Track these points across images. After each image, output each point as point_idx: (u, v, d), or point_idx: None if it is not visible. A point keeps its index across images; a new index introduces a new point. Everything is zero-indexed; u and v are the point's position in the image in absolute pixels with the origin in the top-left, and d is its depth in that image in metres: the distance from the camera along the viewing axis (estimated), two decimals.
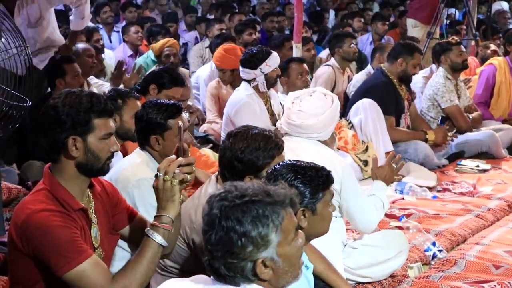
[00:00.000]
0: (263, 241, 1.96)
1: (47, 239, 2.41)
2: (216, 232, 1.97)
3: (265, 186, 2.05)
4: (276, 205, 1.99)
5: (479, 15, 11.71)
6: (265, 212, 1.97)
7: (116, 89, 4.47)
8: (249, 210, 1.96)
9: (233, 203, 1.98)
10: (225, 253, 1.96)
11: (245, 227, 1.95)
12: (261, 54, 5.44)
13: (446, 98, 6.29)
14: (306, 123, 3.74)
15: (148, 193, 3.34)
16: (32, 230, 2.43)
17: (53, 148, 2.54)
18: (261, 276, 1.98)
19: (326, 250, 3.22)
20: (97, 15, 9.55)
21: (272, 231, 1.97)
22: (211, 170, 4.51)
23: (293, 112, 3.79)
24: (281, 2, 13.92)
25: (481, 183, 5.57)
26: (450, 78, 6.39)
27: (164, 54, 6.67)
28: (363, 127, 5.53)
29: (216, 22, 8.93)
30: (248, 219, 1.95)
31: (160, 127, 3.50)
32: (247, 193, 2.00)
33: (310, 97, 3.84)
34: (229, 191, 2.02)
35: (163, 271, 3.22)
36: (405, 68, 5.84)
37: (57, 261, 2.41)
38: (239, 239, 1.95)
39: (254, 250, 1.96)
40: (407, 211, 4.78)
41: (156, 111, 3.51)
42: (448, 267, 3.94)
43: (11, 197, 4.61)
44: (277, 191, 2.03)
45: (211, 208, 2.00)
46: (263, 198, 1.99)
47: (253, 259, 1.97)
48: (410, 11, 9.26)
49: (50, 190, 2.53)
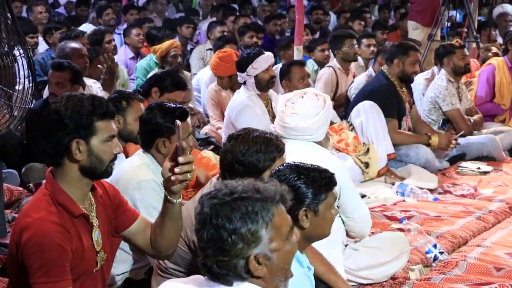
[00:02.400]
0: (253, 238, 1.97)
1: (37, 251, 2.42)
2: (208, 230, 1.98)
3: (255, 183, 2.05)
4: (266, 202, 2.00)
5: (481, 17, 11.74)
6: (255, 209, 1.97)
7: (121, 91, 4.48)
8: (238, 207, 1.97)
9: (223, 200, 1.99)
10: (216, 250, 1.97)
11: (234, 224, 1.96)
12: (248, 57, 5.48)
13: (448, 101, 6.29)
14: (301, 125, 3.76)
15: (149, 195, 3.36)
16: (27, 238, 2.44)
17: (56, 152, 2.53)
18: (255, 273, 1.98)
19: (326, 251, 3.23)
20: (99, 17, 9.56)
21: (262, 227, 1.98)
22: (212, 172, 4.52)
23: (287, 115, 3.81)
24: (282, 5, 13.95)
25: (482, 185, 5.56)
26: (452, 81, 6.38)
27: (171, 55, 6.68)
28: (364, 129, 5.53)
29: (218, 25, 8.95)
30: (237, 216, 1.96)
31: (168, 131, 3.50)
32: (237, 191, 2.00)
33: (302, 99, 3.86)
34: (219, 189, 2.03)
35: (165, 273, 3.23)
36: (403, 68, 5.84)
37: (37, 275, 2.42)
38: (229, 236, 1.95)
39: (245, 247, 1.96)
40: (408, 213, 4.78)
41: (165, 115, 3.52)
42: (449, 269, 3.94)
43: (12, 199, 4.63)
44: (267, 188, 2.03)
45: (202, 207, 2.01)
46: (253, 195, 2.00)
47: (245, 256, 1.97)
48: (411, 14, 9.26)
49: (51, 195, 2.54)
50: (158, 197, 2.99)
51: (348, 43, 7.13)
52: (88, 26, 8.98)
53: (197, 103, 7.03)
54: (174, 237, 2.74)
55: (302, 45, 6.90)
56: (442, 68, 6.43)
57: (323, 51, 7.65)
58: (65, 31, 7.31)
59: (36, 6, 9.42)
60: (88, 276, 2.60)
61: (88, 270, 2.59)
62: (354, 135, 5.49)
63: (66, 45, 6.12)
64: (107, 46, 7.22)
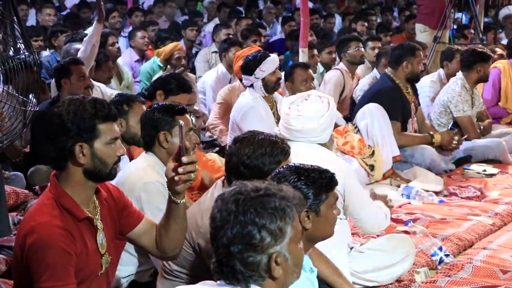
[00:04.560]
0: (280, 233, 1.98)
1: (42, 255, 2.43)
2: (232, 226, 1.97)
3: (275, 184, 2.07)
4: (289, 201, 2.02)
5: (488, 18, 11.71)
6: (282, 205, 1.99)
7: (122, 94, 4.48)
8: (267, 202, 1.98)
9: (249, 196, 1.99)
10: (243, 246, 1.96)
11: (264, 219, 1.96)
12: (255, 60, 5.48)
13: (460, 107, 6.27)
14: (307, 127, 3.76)
15: (155, 196, 3.36)
16: (32, 242, 2.44)
17: (60, 156, 2.54)
18: (273, 272, 1.99)
19: (331, 253, 3.23)
20: (105, 20, 9.57)
21: (288, 225, 1.99)
22: (217, 174, 4.52)
23: (292, 117, 3.81)
24: (288, 7, 13.95)
25: (488, 187, 5.55)
26: (467, 88, 6.35)
27: (175, 57, 6.69)
28: (370, 132, 5.53)
29: (223, 27, 8.95)
30: (267, 210, 1.97)
31: (167, 123, 3.51)
32: (261, 188, 2.02)
33: (306, 101, 3.86)
34: (242, 186, 2.04)
35: (169, 275, 3.23)
36: (412, 69, 5.84)
37: (42, 279, 2.43)
38: (258, 231, 1.96)
39: (272, 242, 1.97)
40: (414, 216, 4.77)
41: (163, 110, 3.55)
42: (455, 272, 3.93)
43: (18, 201, 4.63)
44: (287, 189, 2.05)
45: (226, 203, 2.00)
46: (278, 193, 2.01)
47: (270, 252, 1.97)
48: (418, 16, 9.26)
49: (56, 199, 2.54)
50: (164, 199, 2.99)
51: (354, 45, 7.15)
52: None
53: (202, 105, 7.03)
54: (179, 238, 2.74)
55: (307, 47, 6.90)
56: (459, 73, 6.38)
57: (330, 54, 7.66)
58: (70, 34, 7.33)
59: (44, 9, 9.46)
60: (93, 279, 2.60)
61: (93, 273, 2.59)
62: (359, 138, 5.49)
63: (71, 47, 6.16)
64: (110, 49, 7.23)
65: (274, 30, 11.69)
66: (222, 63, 7.29)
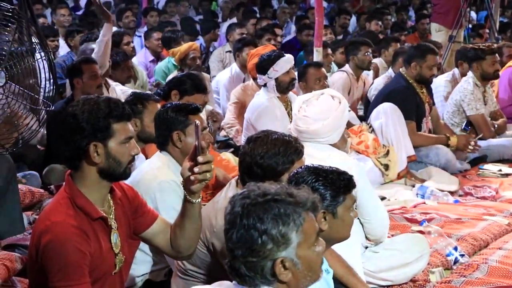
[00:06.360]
0: (283, 239, 1.97)
1: (56, 254, 2.44)
2: (237, 230, 1.98)
3: (288, 187, 2.06)
4: (298, 206, 2.01)
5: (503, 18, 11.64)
6: (287, 211, 1.98)
7: (136, 93, 4.49)
8: (270, 208, 1.98)
9: (255, 201, 1.99)
10: (245, 251, 1.97)
11: (265, 225, 1.96)
12: (269, 60, 5.48)
13: (472, 106, 6.24)
14: (312, 128, 3.76)
15: (170, 196, 3.36)
16: (46, 241, 2.46)
17: (74, 155, 2.55)
18: (280, 277, 1.98)
19: (345, 253, 3.22)
20: (119, 20, 9.61)
21: (292, 231, 1.98)
22: (232, 174, 4.52)
23: (299, 118, 3.81)
24: (302, 7, 13.93)
25: (504, 187, 5.51)
26: (479, 85, 6.32)
27: (190, 57, 6.70)
28: (384, 131, 5.51)
29: (237, 27, 8.95)
30: (269, 216, 1.97)
31: (181, 123, 3.53)
32: (270, 192, 2.01)
33: (317, 101, 3.85)
34: (252, 190, 2.04)
35: (184, 275, 3.24)
36: (420, 71, 5.79)
37: (56, 278, 2.45)
38: (259, 237, 1.96)
39: (274, 248, 1.97)
40: (429, 216, 4.74)
41: (176, 110, 3.56)
42: (470, 272, 3.91)
43: (34, 200, 4.66)
44: (299, 194, 2.04)
45: (234, 206, 2.02)
46: (286, 198, 2.00)
47: (273, 257, 1.97)
48: (434, 16, 9.22)
49: (70, 198, 2.55)
50: (179, 198, 3.00)
51: (364, 50, 7.09)
52: None
53: (216, 105, 7.03)
54: (194, 237, 2.74)
55: (321, 46, 6.89)
56: (470, 71, 6.36)
57: (343, 54, 7.64)
58: (85, 34, 7.37)
59: (59, 9, 9.51)
60: (107, 279, 2.62)
61: (107, 272, 2.61)
62: (373, 137, 5.47)
63: (87, 47, 6.19)
64: (125, 48, 7.26)
65: (288, 29, 11.68)
66: (236, 63, 7.29)
